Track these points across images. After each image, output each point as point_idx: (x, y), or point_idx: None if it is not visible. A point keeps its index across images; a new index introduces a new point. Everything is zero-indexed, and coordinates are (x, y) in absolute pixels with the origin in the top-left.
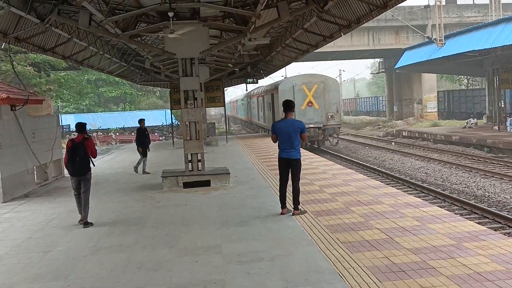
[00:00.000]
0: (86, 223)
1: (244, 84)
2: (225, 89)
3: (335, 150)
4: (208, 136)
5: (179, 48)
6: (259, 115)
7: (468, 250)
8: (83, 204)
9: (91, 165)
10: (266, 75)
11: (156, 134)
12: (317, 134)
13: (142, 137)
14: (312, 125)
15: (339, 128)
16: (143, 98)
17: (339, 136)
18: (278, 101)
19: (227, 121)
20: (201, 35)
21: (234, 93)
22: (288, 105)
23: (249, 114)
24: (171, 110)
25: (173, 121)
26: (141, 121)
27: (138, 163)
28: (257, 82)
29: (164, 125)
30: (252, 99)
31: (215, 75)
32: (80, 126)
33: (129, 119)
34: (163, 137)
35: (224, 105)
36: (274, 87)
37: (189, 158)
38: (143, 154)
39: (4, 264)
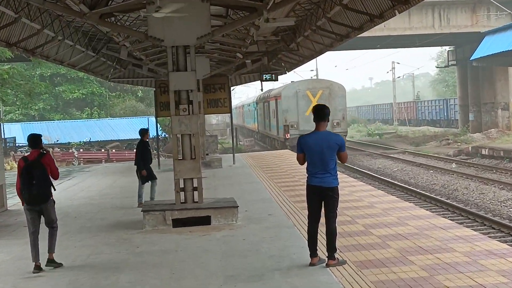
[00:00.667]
0: (52, 262)
1: (259, 81)
2: (232, 88)
3: (385, 173)
4: (207, 154)
5: (169, 32)
6: (265, 123)
7: None
8: (48, 240)
9: (52, 189)
10: (290, 69)
11: (135, 150)
12: None
13: (146, 153)
14: None
15: (345, 136)
16: (118, 101)
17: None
18: (281, 108)
19: (234, 133)
20: (200, 14)
21: (243, 94)
22: (320, 113)
23: (256, 122)
24: (156, 118)
25: (159, 133)
26: (145, 132)
27: (141, 192)
28: (276, 79)
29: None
30: (259, 105)
31: (219, 69)
32: (34, 139)
33: (98, 130)
34: None
35: (230, 111)
36: (277, 93)
37: (181, 185)
38: (151, 177)
39: None
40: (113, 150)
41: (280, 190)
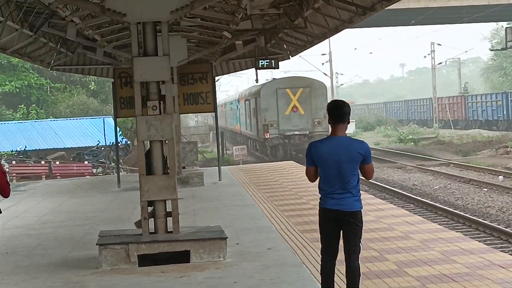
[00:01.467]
0: None
1: (253, 69)
2: (216, 79)
3: (424, 193)
4: (184, 168)
5: (133, 3)
6: (247, 124)
7: None
8: None
9: None
10: (294, 53)
11: (86, 162)
12: (302, 142)
13: None
14: (297, 132)
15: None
16: (63, 96)
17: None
18: (260, 106)
19: (220, 139)
20: None
21: (232, 86)
22: (339, 111)
23: (239, 123)
24: (115, 119)
25: (119, 138)
26: None
27: None
28: (276, 67)
29: (102, 146)
30: (240, 103)
31: (200, 53)
32: None
33: (36, 135)
34: (99, 169)
35: (214, 109)
36: (257, 91)
37: (151, 210)
38: None
39: None
40: (57, 162)
41: (282, 215)
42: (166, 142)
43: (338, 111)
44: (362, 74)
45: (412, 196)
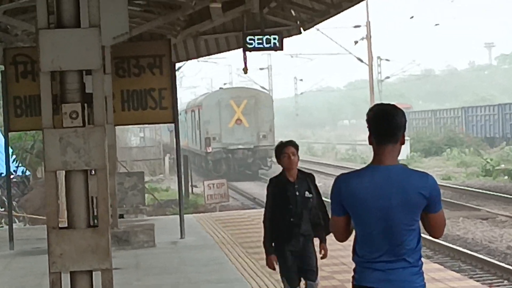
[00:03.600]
0: None
1: (241, 51)
2: (178, 66)
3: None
4: (123, 216)
5: None
6: (192, 137)
7: None
8: None
9: None
10: (308, 24)
11: None
12: (246, 156)
13: None
14: (241, 146)
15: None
16: None
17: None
18: (203, 118)
19: (181, 167)
20: None
21: (203, 82)
22: (386, 123)
23: (186, 137)
24: (5, 134)
25: (13, 167)
26: None
27: None
28: (279, 47)
29: None
30: (187, 114)
31: (149, 22)
32: None
33: None
34: None
35: (175, 118)
36: (199, 102)
37: None
38: None
39: None
40: None
41: None
42: (93, 173)
43: (387, 124)
44: (422, 60)
45: (507, 267)
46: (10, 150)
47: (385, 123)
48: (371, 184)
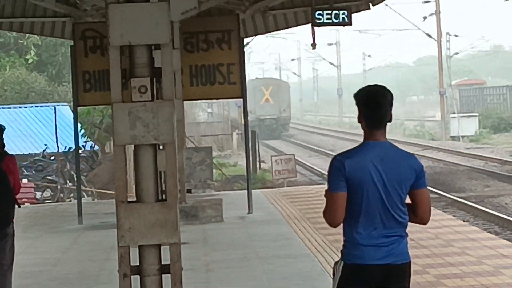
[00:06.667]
0: None
1: (309, 26)
2: (246, 41)
3: None
4: (191, 191)
5: None
6: None
7: None
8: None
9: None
10: (377, 0)
11: (25, 181)
12: (271, 123)
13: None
14: (268, 117)
15: (289, 119)
16: None
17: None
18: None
19: (249, 142)
20: None
21: (271, 57)
22: (375, 106)
23: None
24: (75, 108)
25: (82, 141)
26: None
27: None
28: (349, 22)
29: (51, 153)
30: None
31: (217, 0)
32: None
33: None
34: (47, 193)
35: (243, 94)
36: None
37: (135, 263)
38: None
39: None
40: None
41: None
42: (162, 147)
43: (378, 113)
44: (491, 36)
45: None
46: (79, 125)
47: (377, 113)
48: (374, 158)
